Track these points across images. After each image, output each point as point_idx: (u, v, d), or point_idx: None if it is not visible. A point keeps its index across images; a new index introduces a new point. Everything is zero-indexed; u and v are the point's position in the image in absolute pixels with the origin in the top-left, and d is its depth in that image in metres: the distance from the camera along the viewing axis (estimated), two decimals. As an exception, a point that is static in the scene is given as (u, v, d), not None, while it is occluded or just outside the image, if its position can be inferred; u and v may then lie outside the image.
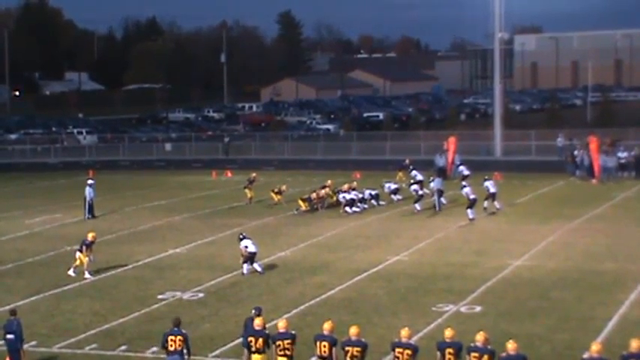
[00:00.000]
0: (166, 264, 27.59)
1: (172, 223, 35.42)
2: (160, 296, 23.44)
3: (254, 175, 40.80)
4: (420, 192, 36.06)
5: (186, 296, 23.52)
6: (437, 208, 35.73)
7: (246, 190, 39.32)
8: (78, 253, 25.77)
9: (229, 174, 51.48)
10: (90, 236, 26.01)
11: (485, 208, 34.96)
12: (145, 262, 27.96)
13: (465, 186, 34.84)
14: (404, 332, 15.08)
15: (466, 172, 41.06)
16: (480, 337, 14.76)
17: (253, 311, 16.85)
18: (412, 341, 15.29)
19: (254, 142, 66.21)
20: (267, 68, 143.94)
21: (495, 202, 35.24)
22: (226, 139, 65.74)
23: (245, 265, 25.64)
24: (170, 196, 43.04)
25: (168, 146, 67.85)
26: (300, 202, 36.58)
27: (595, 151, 44.79)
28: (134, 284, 24.94)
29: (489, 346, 14.76)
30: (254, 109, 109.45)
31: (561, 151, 54.41)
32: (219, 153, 64.25)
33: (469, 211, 33.72)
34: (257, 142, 66.44)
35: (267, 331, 15.95)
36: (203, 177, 51.37)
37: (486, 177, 36.36)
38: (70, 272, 25.62)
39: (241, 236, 26.35)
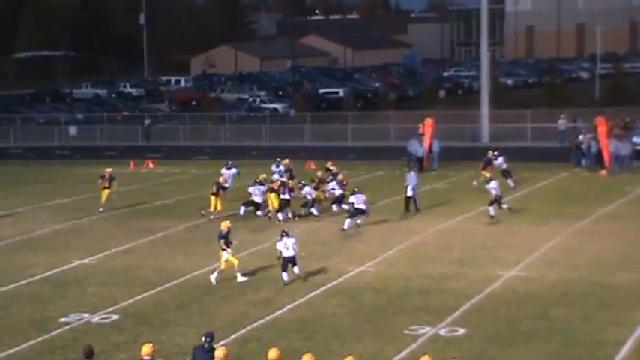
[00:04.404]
0: (71, 278, 27.34)
1: (79, 226, 35.14)
2: (62, 319, 23.23)
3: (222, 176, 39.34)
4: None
5: (96, 319, 23.34)
6: (417, 208, 35.65)
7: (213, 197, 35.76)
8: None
9: (151, 165, 51.25)
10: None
11: (494, 215, 34.52)
12: (44, 276, 27.65)
13: (490, 180, 34.83)
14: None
15: (505, 166, 40.61)
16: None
17: (204, 338, 16.75)
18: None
19: (182, 126, 65.95)
20: (199, 33, 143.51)
21: (504, 205, 34.84)
22: (147, 122, 65.38)
23: (284, 273, 26.07)
24: (76, 192, 42.72)
25: (73, 130, 67.32)
26: (273, 200, 35.07)
27: (604, 135, 45.31)
28: (30, 304, 24.64)
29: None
30: (182, 83, 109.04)
31: (563, 135, 54.99)
32: (138, 139, 63.91)
33: (490, 208, 33.90)
34: (186, 125, 66.19)
35: None
36: (118, 168, 50.85)
37: (489, 175, 35.95)
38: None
39: (282, 233, 26.74)
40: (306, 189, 35.85)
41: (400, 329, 21.90)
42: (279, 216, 34.60)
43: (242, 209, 35.60)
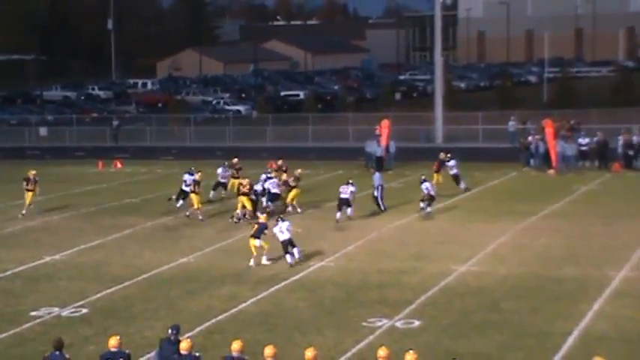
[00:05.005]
0: (41, 274, 27.17)
1: (49, 224, 34.91)
2: (33, 313, 23.09)
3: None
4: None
5: (65, 312, 23.21)
6: (382, 208, 35.61)
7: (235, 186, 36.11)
8: None
9: (119, 164, 50.99)
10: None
11: (422, 209, 34.93)
12: (15, 271, 27.47)
13: (425, 180, 35.04)
14: (309, 353, 15.17)
15: (455, 171, 40.30)
16: (410, 358, 14.90)
17: (170, 330, 16.69)
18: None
19: (149, 127, 65.64)
20: (165, 37, 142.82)
21: (429, 208, 35.05)
22: (115, 123, 65.06)
23: (288, 256, 27.14)
24: (46, 191, 42.31)
25: (43, 131, 66.80)
26: (245, 201, 34.22)
27: (552, 136, 45.60)
28: (1, 299, 24.50)
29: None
30: (149, 86, 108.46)
31: (513, 136, 55.32)
32: (106, 139, 63.56)
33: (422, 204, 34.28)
34: (153, 126, 65.88)
35: (198, 354, 15.84)
36: (87, 168, 50.74)
37: (424, 177, 36.05)
38: None
39: (278, 218, 28.02)
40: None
41: (359, 322, 21.94)
42: (299, 210, 35.46)
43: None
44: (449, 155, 40.12)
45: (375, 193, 35.70)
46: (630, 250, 28.43)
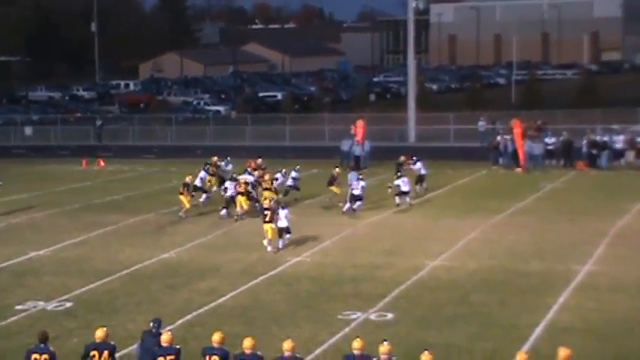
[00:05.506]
0: (27, 269, 27.02)
1: (34, 220, 34.72)
2: (18, 307, 22.96)
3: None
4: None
5: (50, 306, 23.11)
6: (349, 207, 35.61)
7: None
8: None
9: (102, 163, 50.78)
10: None
11: (397, 205, 35.24)
12: (1, 266, 27.33)
13: (400, 176, 35.27)
14: (286, 345, 15.20)
15: (423, 172, 39.82)
16: (383, 349, 14.94)
17: (152, 323, 16.63)
18: (298, 354, 15.37)
19: (132, 126, 65.42)
20: (147, 40, 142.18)
21: (407, 199, 35.48)
22: (98, 123, 64.81)
23: (280, 241, 28.43)
24: (31, 188, 42.17)
25: (28, 130, 66.44)
26: (243, 200, 33.88)
27: (519, 136, 45.78)
28: (-12, 293, 24.37)
29: (394, 358, 14.96)
30: (131, 87, 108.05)
31: (483, 136, 55.49)
32: (90, 138, 63.29)
33: (397, 198, 34.52)
34: (135, 125, 65.67)
35: (178, 347, 15.80)
36: (71, 166, 50.51)
37: (399, 174, 36.24)
38: None
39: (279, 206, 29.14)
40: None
41: (334, 315, 21.94)
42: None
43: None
44: (414, 158, 39.36)
45: (357, 192, 35.61)
46: (594, 245, 28.59)
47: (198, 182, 36.40)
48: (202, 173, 37.15)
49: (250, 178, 35.23)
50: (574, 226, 31.90)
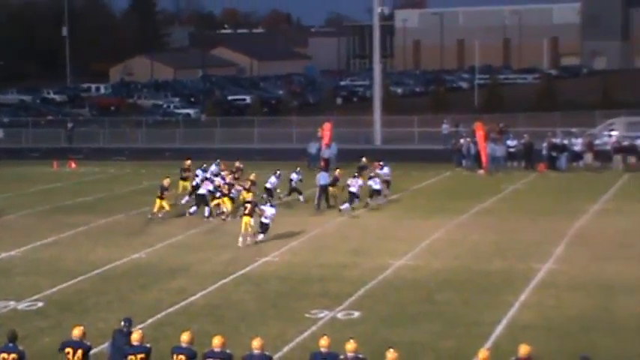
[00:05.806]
0: (-1, 269, 26.79)
1: (5, 222, 34.44)
2: (-10, 307, 22.79)
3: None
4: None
5: (21, 306, 22.93)
6: (318, 208, 35.61)
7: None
8: None
9: (73, 165, 50.46)
10: None
11: (367, 204, 35.33)
12: (-27, 267, 27.10)
13: (372, 177, 35.68)
14: (255, 343, 15.20)
15: (376, 187, 39.16)
16: (350, 347, 14.96)
17: (123, 322, 16.55)
18: (266, 352, 15.38)
19: (102, 129, 65.04)
20: (117, 44, 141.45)
21: (379, 199, 35.70)
22: (70, 125, 64.41)
23: (260, 235, 29.22)
24: (2, 190, 41.80)
25: (-1, 133, 65.97)
26: (225, 201, 33.91)
27: (482, 139, 46.03)
28: (-40, 294, 24.14)
29: (360, 355, 15.00)
30: (102, 90, 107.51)
31: (447, 139, 55.72)
32: (61, 141, 62.88)
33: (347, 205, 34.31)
34: (106, 128, 65.28)
35: (149, 345, 15.72)
36: (42, 168, 50.13)
37: (372, 174, 36.48)
38: None
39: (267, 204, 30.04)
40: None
41: (302, 313, 21.94)
42: (301, 198, 36.63)
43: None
44: (381, 163, 38.54)
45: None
46: (554, 245, 28.80)
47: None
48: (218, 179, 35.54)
49: (221, 181, 35.10)
50: (535, 226, 32.11)
